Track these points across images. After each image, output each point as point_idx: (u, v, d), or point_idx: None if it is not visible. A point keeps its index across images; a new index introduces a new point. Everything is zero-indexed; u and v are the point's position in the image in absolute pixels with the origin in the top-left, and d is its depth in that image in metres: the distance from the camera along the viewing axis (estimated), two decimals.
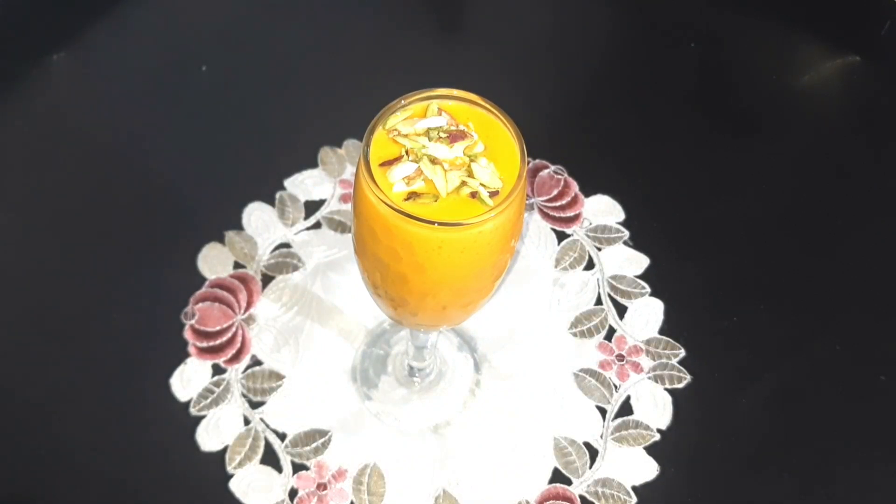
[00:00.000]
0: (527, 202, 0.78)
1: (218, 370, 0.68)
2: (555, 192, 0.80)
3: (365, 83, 0.86)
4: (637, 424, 0.67)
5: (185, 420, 0.65)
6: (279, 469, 0.63)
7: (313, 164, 0.80)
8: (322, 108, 0.86)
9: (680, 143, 0.86)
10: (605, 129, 0.87)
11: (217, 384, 0.67)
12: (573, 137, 0.86)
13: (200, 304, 0.70)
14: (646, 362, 0.70)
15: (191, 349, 0.68)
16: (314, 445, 0.64)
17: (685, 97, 0.89)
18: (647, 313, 0.73)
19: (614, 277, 0.75)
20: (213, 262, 0.73)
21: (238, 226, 0.76)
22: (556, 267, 0.75)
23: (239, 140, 0.82)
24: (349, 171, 0.80)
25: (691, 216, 0.80)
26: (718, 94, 0.89)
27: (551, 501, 0.63)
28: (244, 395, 0.66)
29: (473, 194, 0.46)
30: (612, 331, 0.72)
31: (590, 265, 0.76)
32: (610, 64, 0.92)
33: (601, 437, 0.66)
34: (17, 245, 0.73)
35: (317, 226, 0.77)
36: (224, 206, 0.77)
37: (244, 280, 0.72)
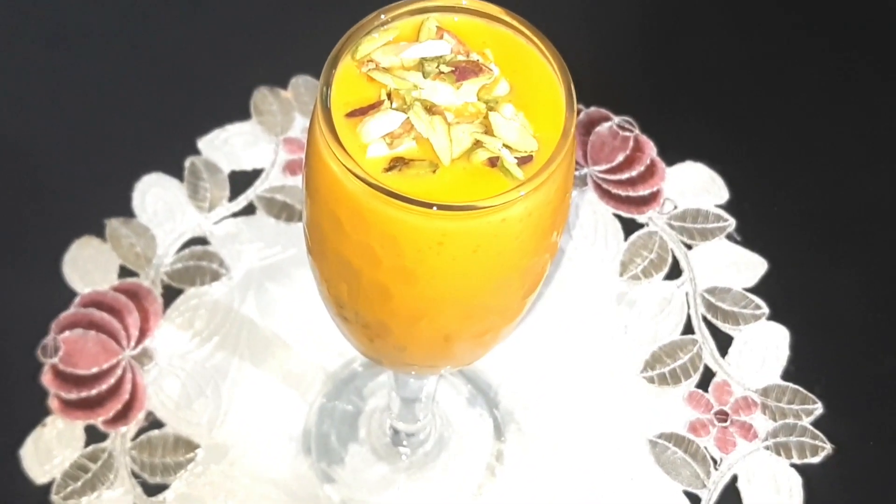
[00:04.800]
0: (577, 174, 0.78)
1: (95, 435, 0.68)
2: (620, 157, 0.80)
3: None
4: None
5: None
6: None
7: (243, 114, 0.80)
8: (257, 30, 0.86)
9: (809, 85, 0.86)
10: (697, 63, 0.86)
11: (93, 457, 0.67)
12: (648, 75, 0.86)
13: (67, 333, 0.70)
14: (762, 424, 0.70)
15: (52, 402, 0.68)
16: None
17: (814, 21, 0.89)
18: (765, 348, 0.73)
19: (712, 291, 0.75)
20: (88, 266, 0.73)
21: (126, 210, 0.76)
22: (621, 275, 0.75)
23: (126, 78, 0.82)
24: (299, 126, 0.80)
25: (830, 197, 0.80)
26: (864, 19, 0.89)
27: None
28: (135, 476, 0.66)
29: (493, 161, 0.46)
30: (708, 374, 0.72)
31: (675, 272, 0.76)
32: None
33: None
34: None
35: (249, 210, 0.77)
36: (104, 178, 0.77)
37: (135, 295, 0.72)
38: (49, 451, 0.67)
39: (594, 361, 0.72)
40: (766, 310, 0.74)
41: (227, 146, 0.79)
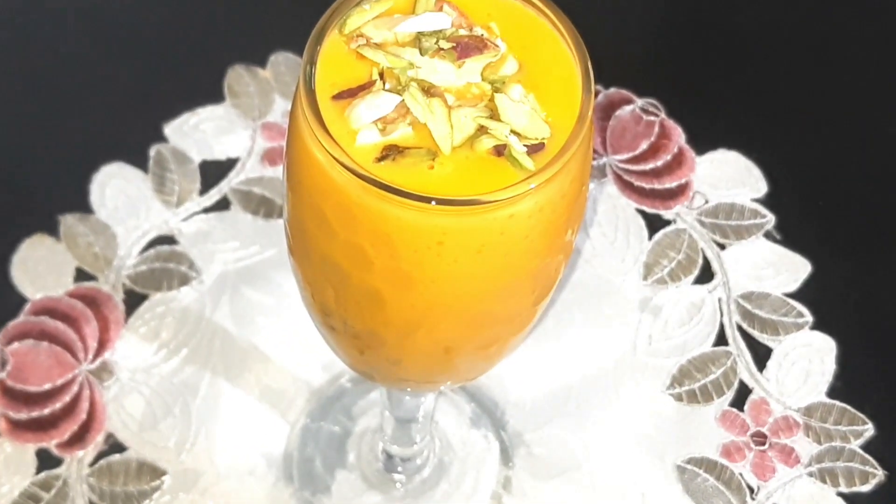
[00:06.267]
0: (595, 164, 0.78)
1: (47, 460, 0.68)
2: (644, 145, 0.80)
3: None
4: None
5: None
6: None
7: (216, 96, 0.81)
8: (232, 0, 0.86)
9: (859, 63, 0.86)
10: (730, 38, 0.86)
11: (46, 485, 0.67)
12: (675, 52, 0.86)
13: (16, 345, 0.70)
14: (805, 447, 0.70)
15: None
16: None
17: None
18: (808, 361, 0.73)
19: (748, 297, 0.75)
20: (39, 269, 0.73)
21: (83, 206, 0.76)
22: (645, 278, 0.76)
23: (83, 55, 0.83)
24: (279, 109, 0.81)
25: (882, 191, 0.80)
26: None
27: None
28: None
29: (499, 149, 0.46)
30: (744, 391, 0.72)
31: (706, 275, 0.76)
32: None
33: None
34: None
35: (222, 205, 0.77)
36: (58, 169, 0.77)
37: (93, 301, 0.73)
38: None
39: (614, 376, 0.72)
40: (809, 318, 0.74)
41: (197, 132, 0.79)
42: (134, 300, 0.73)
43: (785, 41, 0.86)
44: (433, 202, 0.44)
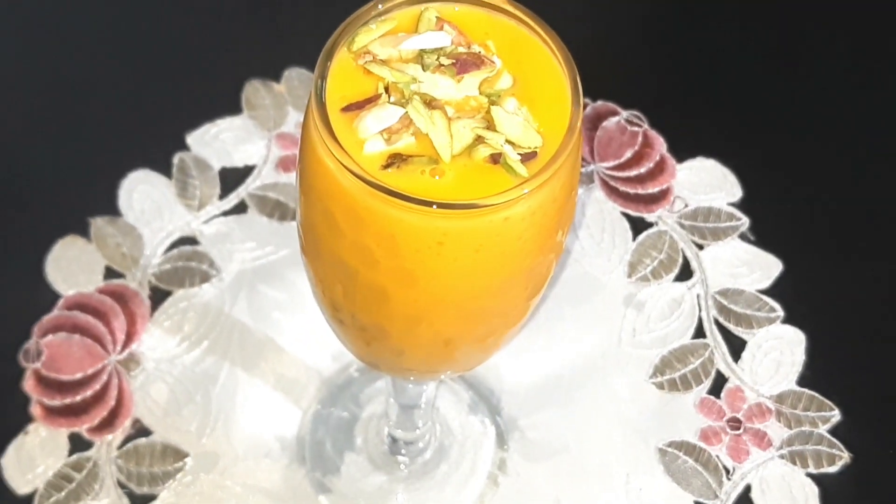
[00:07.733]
0: (583, 170, 0.78)
1: (79, 444, 0.68)
2: (628, 153, 0.81)
3: None
4: None
5: None
6: None
7: (234, 108, 0.81)
8: (248, 20, 0.86)
9: (827, 77, 0.86)
10: (708, 54, 0.86)
11: (77, 467, 0.67)
12: (658, 67, 0.86)
13: (50, 337, 0.71)
14: (777, 431, 0.70)
15: (34, 409, 0.68)
16: None
17: (831, 10, 0.89)
18: (779, 352, 0.73)
19: (725, 293, 0.75)
20: (72, 267, 0.74)
21: (111, 209, 0.76)
22: (630, 276, 0.76)
23: (112, 70, 0.83)
24: (293, 120, 0.81)
25: (848, 195, 0.80)
26: (883, 7, 0.89)
27: None
28: (122, 486, 0.67)
29: (495, 158, 0.46)
30: (721, 380, 0.72)
31: (685, 273, 0.76)
32: None
33: None
34: None
35: (240, 208, 0.77)
36: (89, 175, 0.77)
37: (121, 297, 0.73)
38: (31, 459, 0.67)
39: (601, 366, 0.72)
40: (780, 312, 0.74)
41: (217, 142, 0.79)
42: (159, 296, 0.73)
43: (757, 59, 0.86)
44: (434, 206, 0.44)
